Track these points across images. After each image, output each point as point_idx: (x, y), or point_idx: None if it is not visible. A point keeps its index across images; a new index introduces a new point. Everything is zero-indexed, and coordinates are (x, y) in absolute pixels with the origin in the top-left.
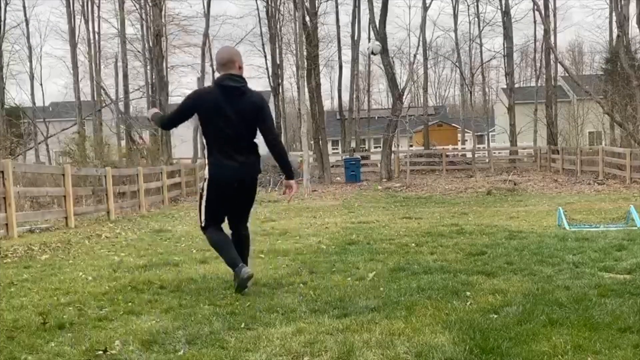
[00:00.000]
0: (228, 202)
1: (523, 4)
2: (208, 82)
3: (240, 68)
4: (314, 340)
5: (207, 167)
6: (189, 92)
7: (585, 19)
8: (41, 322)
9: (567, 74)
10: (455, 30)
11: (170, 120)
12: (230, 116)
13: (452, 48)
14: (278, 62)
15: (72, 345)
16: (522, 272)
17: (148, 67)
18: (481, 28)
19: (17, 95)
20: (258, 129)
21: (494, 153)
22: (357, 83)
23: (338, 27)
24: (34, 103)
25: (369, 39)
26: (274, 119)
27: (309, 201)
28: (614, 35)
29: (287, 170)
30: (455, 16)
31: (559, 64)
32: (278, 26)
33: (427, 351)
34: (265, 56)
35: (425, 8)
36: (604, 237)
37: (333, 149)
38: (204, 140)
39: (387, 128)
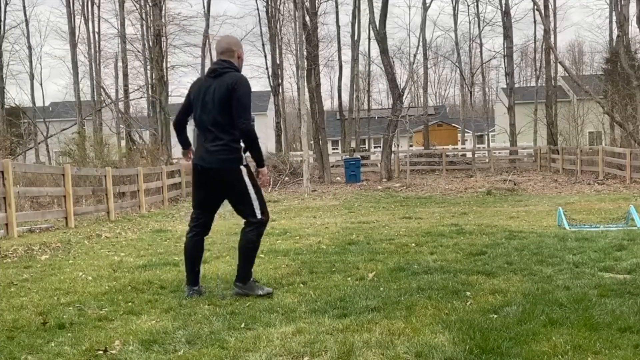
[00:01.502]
0: (203, 191)
1: (523, 4)
2: None
3: (239, 58)
4: (314, 340)
5: None
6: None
7: (585, 19)
8: (41, 322)
9: (567, 74)
10: (455, 30)
11: (177, 115)
12: (207, 100)
13: (452, 48)
14: (278, 62)
15: (72, 345)
16: (522, 272)
17: (148, 67)
18: (481, 28)
19: (17, 95)
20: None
21: (494, 153)
22: (357, 83)
23: (338, 27)
24: (34, 103)
25: (369, 39)
26: (274, 119)
27: (309, 201)
28: (614, 35)
29: (257, 158)
30: (455, 16)
31: (559, 64)
32: (278, 26)
33: (427, 351)
34: (265, 56)
35: (425, 8)
36: (604, 237)
37: (333, 149)
38: None
39: (387, 128)
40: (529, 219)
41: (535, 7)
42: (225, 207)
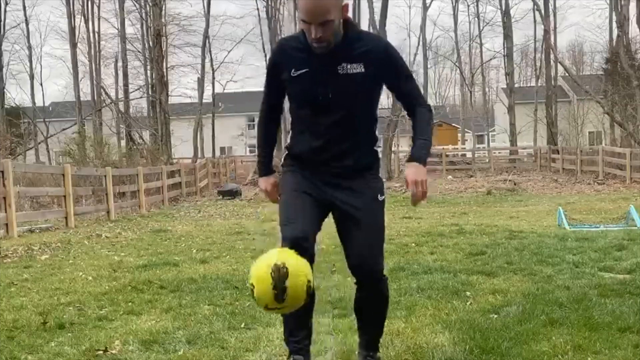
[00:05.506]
0: None
1: (523, 4)
2: (208, 83)
3: None
4: (314, 340)
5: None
6: (188, 92)
7: (585, 19)
8: (41, 322)
9: (567, 74)
10: (455, 30)
11: None
12: None
13: (452, 48)
14: None
15: (72, 345)
16: (522, 272)
17: (148, 67)
18: (481, 28)
19: (17, 95)
20: None
21: (494, 153)
22: None
23: None
24: (34, 103)
25: None
26: None
27: None
28: (614, 35)
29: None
30: (455, 16)
31: (559, 64)
32: (278, 26)
33: (427, 351)
34: (266, 56)
35: (425, 8)
36: (604, 237)
37: None
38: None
39: (387, 128)
40: (529, 219)
41: (535, 7)
42: None
